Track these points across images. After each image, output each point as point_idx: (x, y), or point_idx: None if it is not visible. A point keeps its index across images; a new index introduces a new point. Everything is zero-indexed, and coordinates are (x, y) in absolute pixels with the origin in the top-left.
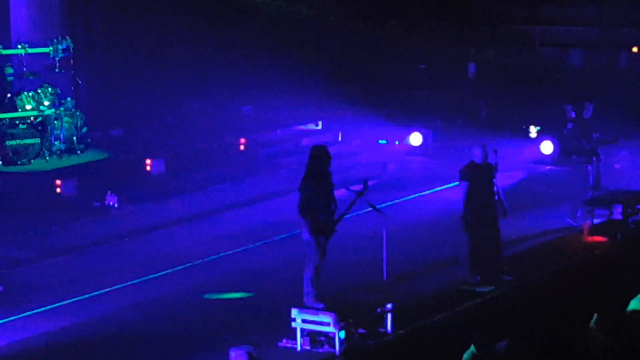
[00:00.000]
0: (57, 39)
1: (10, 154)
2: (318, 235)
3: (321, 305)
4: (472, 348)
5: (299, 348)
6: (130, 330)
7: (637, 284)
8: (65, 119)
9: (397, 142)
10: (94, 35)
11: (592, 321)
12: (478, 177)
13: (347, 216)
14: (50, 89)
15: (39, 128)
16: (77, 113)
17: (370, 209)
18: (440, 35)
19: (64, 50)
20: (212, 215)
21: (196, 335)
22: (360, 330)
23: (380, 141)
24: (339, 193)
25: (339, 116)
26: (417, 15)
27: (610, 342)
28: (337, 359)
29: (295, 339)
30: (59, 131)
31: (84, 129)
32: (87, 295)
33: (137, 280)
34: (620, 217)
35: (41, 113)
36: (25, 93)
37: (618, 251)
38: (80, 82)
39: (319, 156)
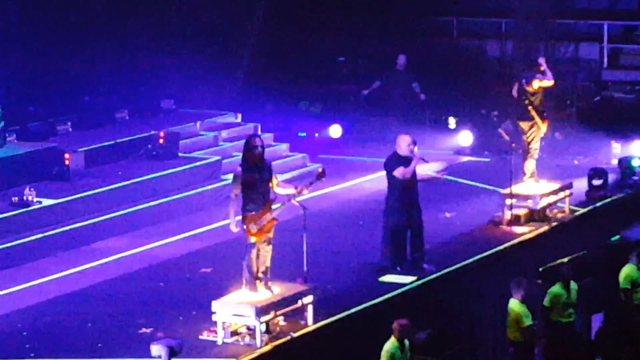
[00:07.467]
0: None
1: None
2: (248, 225)
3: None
4: (393, 338)
5: (220, 341)
6: (49, 325)
7: (557, 274)
8: None
9: (316, 135)
10: (11, 28)
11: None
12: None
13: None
14: None
15: None
16: None
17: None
18: (361, 28)
19: None
20: (132, 208)
21: (117, 329)
22: (281, 323)
23: (299, 133)
24: None
25: (258, 109)
26: (337, 7)
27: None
28: (259, 351)
29: (216, 331)
30: None
31: (2, 124)
32: (4, 291)
33: (56, 275)
34: (537, 207)
35: None
36: None
37: (537, 241)
38: None
39: (253, 146)
